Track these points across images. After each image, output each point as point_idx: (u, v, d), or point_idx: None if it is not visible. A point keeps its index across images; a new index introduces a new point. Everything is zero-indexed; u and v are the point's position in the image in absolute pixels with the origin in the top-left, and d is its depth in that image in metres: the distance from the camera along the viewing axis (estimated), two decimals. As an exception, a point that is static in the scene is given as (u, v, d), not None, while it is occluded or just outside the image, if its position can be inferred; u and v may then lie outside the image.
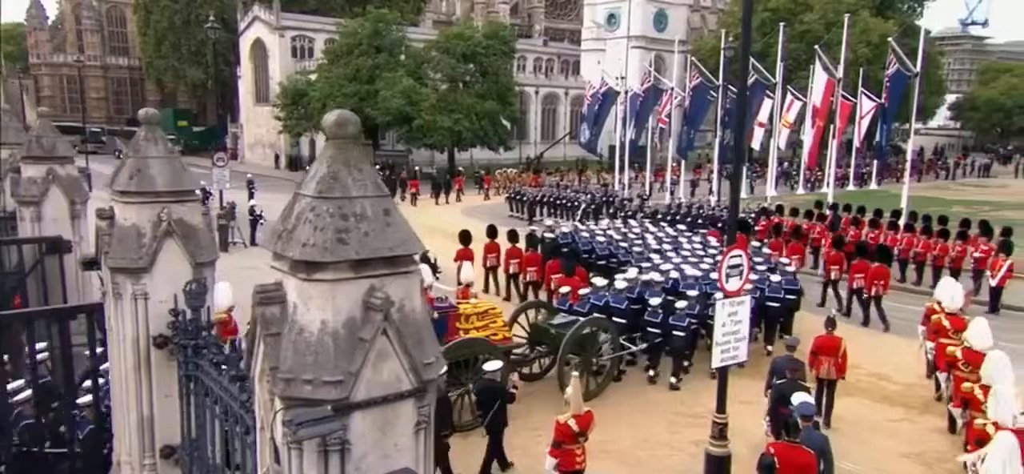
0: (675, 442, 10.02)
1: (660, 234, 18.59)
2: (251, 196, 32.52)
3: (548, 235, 18.33)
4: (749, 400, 10.45)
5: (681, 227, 20.11)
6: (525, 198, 31.81)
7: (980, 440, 7.49)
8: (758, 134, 32.36)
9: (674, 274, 13.86)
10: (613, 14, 62.73)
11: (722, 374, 7.59)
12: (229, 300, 10.19)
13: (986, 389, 7.99)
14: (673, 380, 11.79)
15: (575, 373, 7.90)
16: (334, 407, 3.03)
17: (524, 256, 16.68)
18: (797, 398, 7.52)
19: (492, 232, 17.75)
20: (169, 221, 5.47)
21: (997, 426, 7.22)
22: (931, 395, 11.39)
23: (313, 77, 46.79)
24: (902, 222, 20.73)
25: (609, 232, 18.32)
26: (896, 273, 19.12)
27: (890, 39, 25.51)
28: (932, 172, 52.76)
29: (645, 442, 9.93)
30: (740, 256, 7.19)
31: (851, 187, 39.87)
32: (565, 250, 16.96)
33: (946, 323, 10.79)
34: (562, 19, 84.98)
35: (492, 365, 9.03)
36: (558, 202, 30.10)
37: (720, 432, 7.63)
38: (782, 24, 31.57)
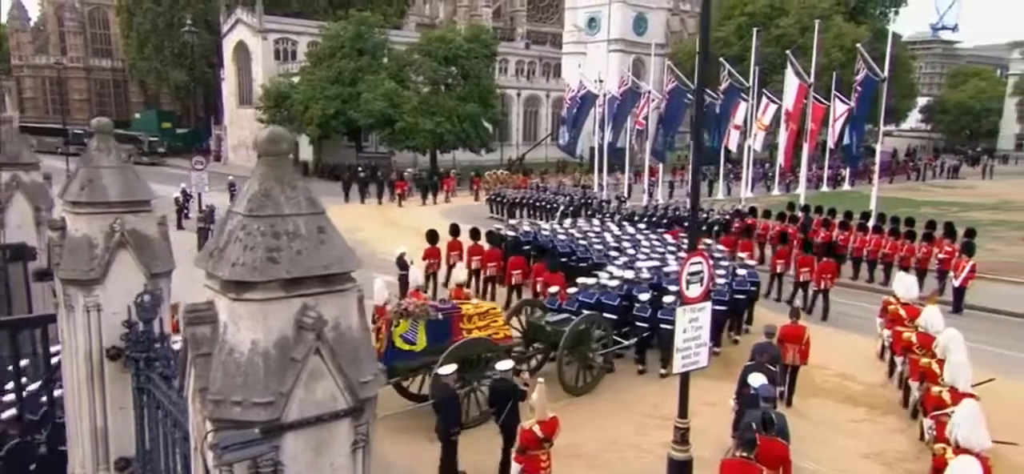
0: (644, 444, 9.99)
1: (619, 232, 19.03)
2: (232, 199, 32.14)
3: (510, 233, 18.69)
4: (714, 401, 10.45)
5: (642, 227, 20.55)
6: (506, 200, 31.78)
7: (937, 406, 8.25)
8: (734, 136, 32.57)
9: (628, 273, 14.22)
10: (593, 18, 62.84)
11: (684, 380, 7.57)
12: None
13: (941, 363, 8.99)
14: (663, 371, 12.01)
15: (541, 380, 7.84)
16: (264, 429, 2.95)
17: (485, 253, 17.05)
18: (755, 380, 7.95)
19: (455, 231, 18.07)
20: (122, 232, 5.34)
21: (953, 392, 8.19)
22: (894, 396, 11.48)
23: (296, 80, 46.43)
24: (871, 223, 20.90)
25: (570, 231, 18.81)
26: (864, 273, 19.36)
27: (858, 45, 25.74)
28: (904, 173, 53.35)
29: (614, 444, 9.90)
30: (700, 263, 7.18)
31: (825, 188, 40.28)
32: (526, 247, 17.51)
33: (902, 312, 11.66)
34: (544, 22, 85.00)
35: (504, 364, 9.13)
36: (537, 204, 30.07)
37: (682, 437, 7.61)
38: (756, 29, 31.68)
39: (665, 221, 23.37)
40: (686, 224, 21.61)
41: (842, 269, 19.64)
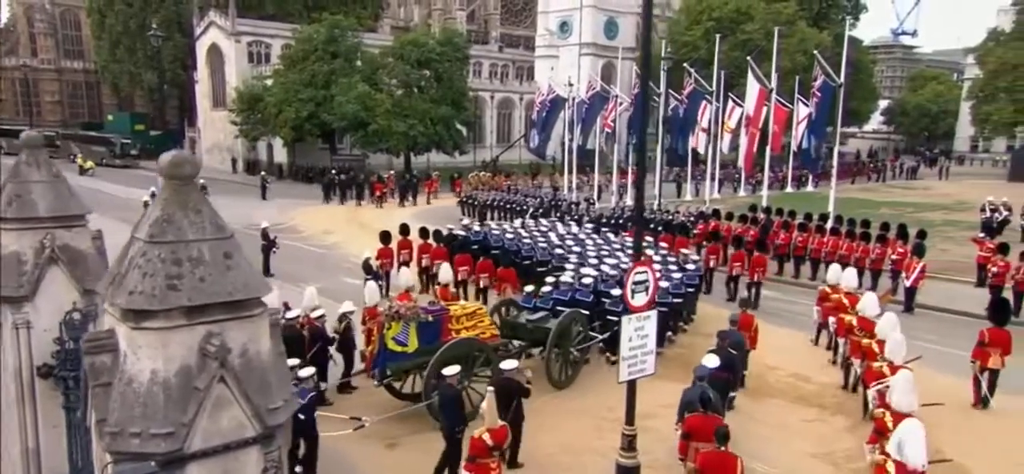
0: (600, 447, 9.92)
1: (563, 232, 19.85)
2: (203, 201, 31.61)
3: (459, 232, 19.25)
4: (671, 403, 10.41)
5: (588, 228, 21.39)
6: (477, 202, 31.66)
7: (878, 378, 9.33)
8: (702, 138, 32.86)
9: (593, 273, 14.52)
10: (565, 22, 62.94)
11: (630, 387, 7.54)
12: None
13: (881, 344, 10.02)
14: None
15: (490, 389, 7.75)
16: (165, 460, 2.84)
17: (432, 251, 17.65)
18: (708, 360, 9.01)
19: (404, 231, 18.56)
20: (53, 247, 5.18)
21: (891, 365, 9.22)
22: (844, 395, 11.62)
23: (269, 82, 45.81)
24: (829, 225, 21.18)
25: (519, 231, 19.60)
26: (822, 273, 19.55)
27: (815, 52, 26.08)
28: (865, 174, 54.19)
29: (569, 448, 9.84)
30: (645, 273, 7.16)
31: (789, 189, 40.78)
32: (474, 246, 18.10)
33: (845, 300, 12.80)
34: (518, 26, 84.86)
35: (509, 364, 9.25)
36: (508, 206, 29.99)
37: (629, 443, 7.59)
38: (718, 36, 31.99)
39: (632, 224, 23.46)
40: (656, 227, 22.00)
41: (801, 270, 20.09)
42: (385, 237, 17.77)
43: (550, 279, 13.90)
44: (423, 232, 18.20)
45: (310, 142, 46.45)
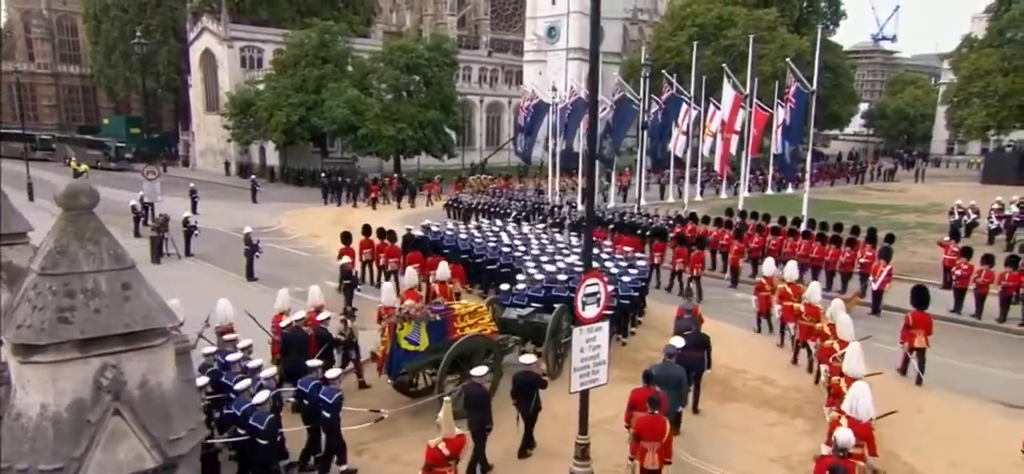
0: (564, 452, 9.86)
1: (512, 231, 20.64)
2: (194, 207, 31.41)
3: (416, 232, 19.98)
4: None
5: (539, 229, 22.32)
6: (462, 204, 31.61)
7: (829, 354, 10.57)
8: (681, 142, 32.87)
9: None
10: (553, 27, 62.94)
11: (583, 397, 7.48)
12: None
13: (832, 326, 11.28)
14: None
15: (447, 398, 7.67)
16: (55, 495, 2.75)
17: (387, 249, 18.58)
18: (674, 341, 9.88)
19: (366, 230, 19.37)
20: (-6, 266, 5.06)
21: (841, 342, 10.47)
22: (805, 398, 11.61)
23: (261, 87, 45.57)
24: (801, 228, 21.18)
25: (471, 231, 20.40)
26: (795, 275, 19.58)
27: (788, 60, 26.09)
28: (844, 176, 54.31)
29: (535, 452, 9.75)
30: (596, 284, 7.09)
31: (770, 191, 40.83)
32: (430, 245, 18.81)
33: (789, 290, 13.85)
34: (507, 31, 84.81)
35: (528, 358, 9.58)
36: (492, 209, 29.92)
37: (582, 452, 7.53)
38: (695, 43, 32.02)
39: (612, 227, 23.38)
40: (638, 231, 22.01)
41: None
42: (346, 237, 18.55)
43: (522, 277, 14.31)
44: (380, 232, 19.06)
45: (301, 145, 46.25)
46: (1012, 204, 25.95)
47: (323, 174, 41.59)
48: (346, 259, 17.06)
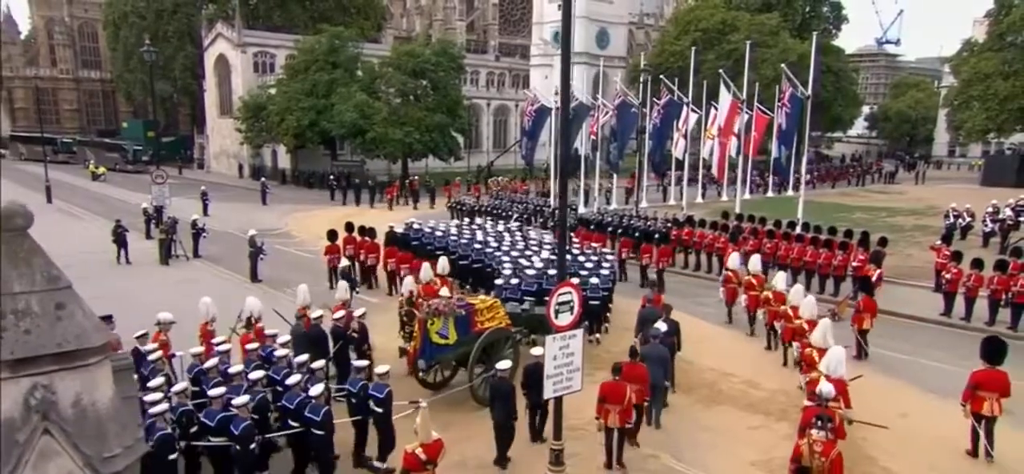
0: (540, 451, 9.78)
1: (487, 228, 21.19)
2: (205, 209, 31.61)
3: (398, 229, 20.29)
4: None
5: (513, 227, 22.52)
6: (465, 206, 31.63)
7: (799, 333, 11.63)
8: (681, 144, 32.69)
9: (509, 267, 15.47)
10: (559, 32, 62.75)
11: (557, 404, 7.42)
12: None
13: (796, 310, 12.33)
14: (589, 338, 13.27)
15: (424, 404, 7.63)
16: (-18, 513, 2.74)
17: (367, 246, 19.19)
18: (660, 325, 10.74)
19: (349, 228, 19.74)
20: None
21: (809, 322, 11.45)
22: (790, 401, 11.47)
23: (272, 91, 45.78)
24: (796, 232, 20.98)
25: (448, 230, 20.61)
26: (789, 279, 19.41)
27: (783, 66, 25.88)
28: (845, 178, 53.80)
29: (525, 449, 9.66)
30: (569, 293, 7.03)
31: (771, 193, 40.54)
32: (414, 242, 19.42)
33: (754, 281, 14.69)
34: (515, 35, 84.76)
35: (538, 350, 9.57)
36: (495, 211, 29.90)
37: (557, 458, 7.47)
38: (697, 47, 31.79)
39: (610, 229, 23.38)
40: (636, 233, 21.91)
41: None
42: (332, 235, 19.11)
43: (507, 271, 14.81)
44: (361, 230, 19.63)
45: (312, 148, 46.44)
46: (1007, 207, 25.60)
47: (331, 176, 41.74)
48: (345, 262, 17.46)
